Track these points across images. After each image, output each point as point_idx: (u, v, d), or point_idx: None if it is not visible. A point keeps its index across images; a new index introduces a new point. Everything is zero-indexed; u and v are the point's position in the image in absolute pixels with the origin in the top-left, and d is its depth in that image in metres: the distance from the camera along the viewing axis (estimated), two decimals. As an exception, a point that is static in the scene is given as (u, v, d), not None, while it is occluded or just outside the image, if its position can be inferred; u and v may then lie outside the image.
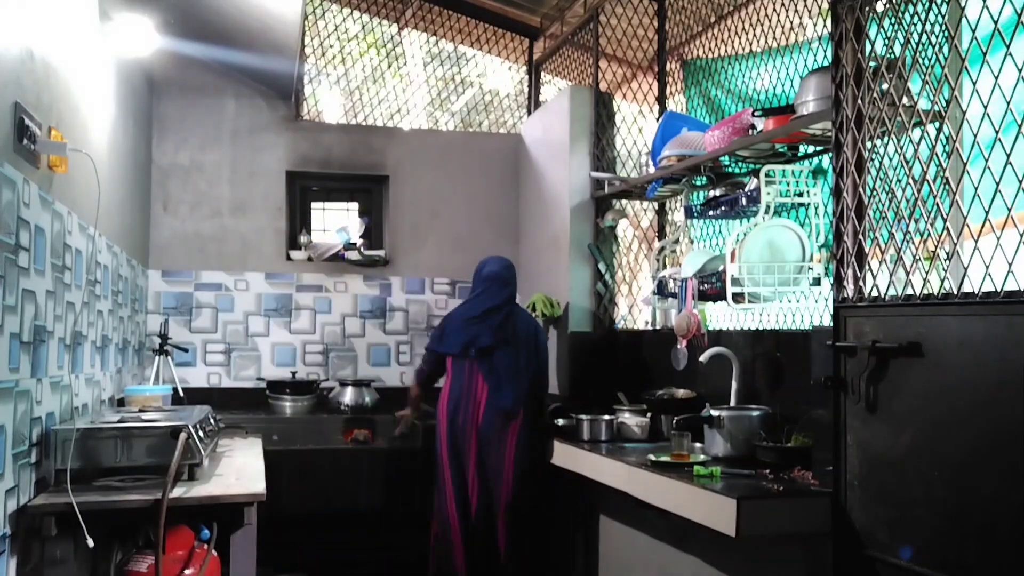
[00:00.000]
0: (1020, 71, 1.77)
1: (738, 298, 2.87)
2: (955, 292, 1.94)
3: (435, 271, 4.91)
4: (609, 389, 3.94)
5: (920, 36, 2.11)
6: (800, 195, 2.88)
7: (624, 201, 4.18)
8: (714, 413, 2.84)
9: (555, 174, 4.40)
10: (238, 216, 4.64)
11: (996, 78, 1.84)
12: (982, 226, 1.85)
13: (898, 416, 2.07)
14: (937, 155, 2.03)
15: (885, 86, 2.18)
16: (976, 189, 1.86)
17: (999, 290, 1.81)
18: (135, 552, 2.43)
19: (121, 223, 3.57)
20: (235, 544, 2.48)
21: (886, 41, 2.22)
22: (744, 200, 3.05)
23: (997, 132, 1.83)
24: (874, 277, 2.20)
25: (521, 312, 3.88)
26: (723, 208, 3.20)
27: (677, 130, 3.38)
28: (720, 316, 3.58)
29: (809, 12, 3.16)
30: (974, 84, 1.89)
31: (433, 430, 3.82)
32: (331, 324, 4.74)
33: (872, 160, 2.25)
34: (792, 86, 3.18)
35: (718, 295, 2.98)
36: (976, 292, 1.87)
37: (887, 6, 2.23)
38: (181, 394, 4.05)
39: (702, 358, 3.02)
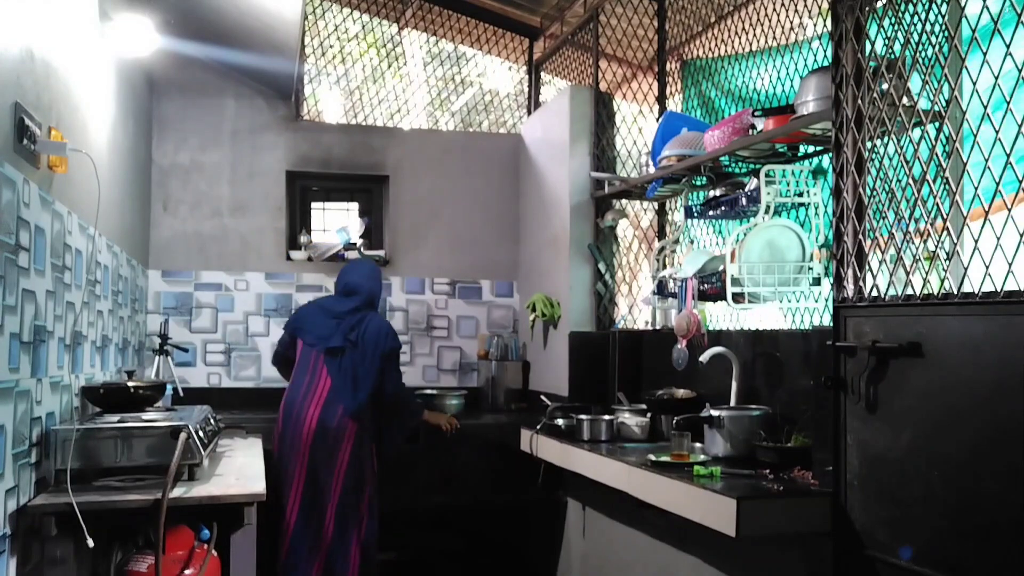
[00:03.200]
0: (1020, 71, 1.77)
1: (738, 298, 2.87)
2: (955, 292, 1.94)
3: (435, 271, 4.91)
4: (609, 389, 3.95)
5: (920, 36, 2.11)
6: (800, 195, 2.88)
7: (624, 201, 4.18)
8: (714, 413, 2.84)
9: (555, 174, 4.40)
10: (238, 216, 4.64)
11: (996, 78, 1.84)
12: (982, 226, 1.85)
13: (898, 416, 2.07)
14: (937, 155, 2.03)
15: (885, 86, 2.18)
16: (976, 189, 1.86)
17: (999, 290, 1.81)
18: (135, 552, 2.43)
19: (121, 223, 3.57)
20: (235, 544, 2.48)
21: (886, 41, 2.22)
22: (744, 200, 3.06)
23: (997, 132, 1.83)
24: (874, 277, 2.20)
25: (374, 320, 3.72)
26: (723, 208, 3.20)
27: (677, 130, 3.38)
28: (720, 316, 3.58)
29: (809, 12, 3.16)
30: (974, 84, 1.89)
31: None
32: (331, 324, 4.73)
33: (872, 160, 2.25)
34: (792, 86, 3.18)
35: (718, 295, 2.98)
36: (976, 292, 1.87)
37: (887, 6, 2.23)
38: (181, 394, 4.06)
39: (702, 358, 3.02)
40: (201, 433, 2.65)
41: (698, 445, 2.91)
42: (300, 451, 3.51)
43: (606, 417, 3.39)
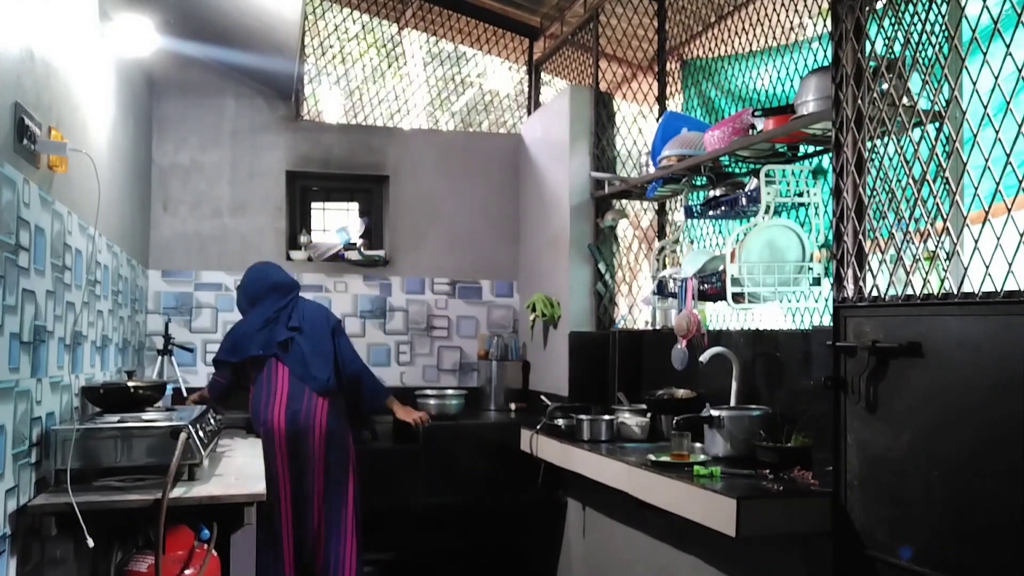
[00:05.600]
0: (1020, 70, 1.77)
1: (738, 298, 2.87)
2: (955, 292, 1.94)
3: (435, 271, 4.91)
4: (609, 389, 3.95)
5: (920, 36, 2.11)
6: (800, 195, 2.88)
7: (624, 201, 4.18)
8: (714, 413, 2.84)
9: (555, 174, 4.40)
10: (238, 216, 4.64)
11: (996, 77, 1.84)
12: (982, 226, 1.85)
13: (898, 416, 2.07)
14: (937, 155, 2.03)
15: (885, 86, 2.18)
16: (976, 189, 1.86)
17: (999, 290, 1.81)
18: (135, 552, 2.43)
19: (121, 223, 3.57)
20: (235, 544, 2.48)
21: (886, 41, 2.22)
22: (744, 200, 3.05)
23: (997, 132, 1.83)
24: (874, 277, 2.20)
25: (307, 303, 3.84)
26: (723, 208, 3.20)
27: (677, 130, 3.38)
28: (720, 316, 3.58)
29: (809, 12, 3.16)
30: (974, 84, 1.89)
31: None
32: (331, 324, 4.73)
33: (872, 160, 2.25)
34: (792, 86, 3.18)
35: (718, 295, 2.98)
36: (976, 292, 1.87)
37: (887, 6, 2.23)
38: (185, 394, 4.06)
39: (702, 358, 3.02)
40: (201, 433, 2.65)
41: (698, 445, 2.91)
42: (278, 447, 3.52)
43: (606, 417, 3.39)
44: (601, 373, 4.04)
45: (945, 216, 2.00)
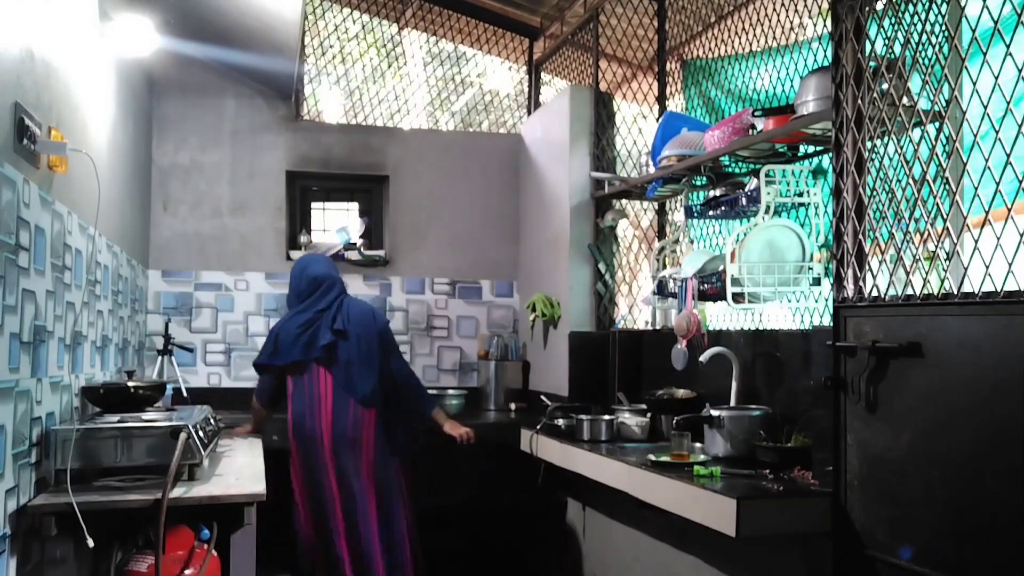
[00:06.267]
0: (1020, 70, 1.77)
1: (738, 298, 2.87)
2: (955, 292, 1.94)
3: (435, 271, 4.91)
4: (609, 389, 3.95)
5: (920, 36, 2.11)
6: (800, 195, 2.88)
7: (624, 201, 4.18)
8: (714, 413, 2.84)
9: (555, 174, 4.40)
10: (238, 216, 4.64)
11: (996, 78, 1.84)
12: (982, 226, 1.85)
13: (898, 416, 2.07)
14: (937, 155, 2.03)
15: (885, 86, 2.18)
16: (976, 189, 1.86)
17: (999, 290, 1.81)
18: (135, 552, 2.43)
19: (121, 223, 3.57)
20: (235, 544, 2.48)
21: (886, 41, 2.22)
22: (744, 200, 3.06)
23: (997, 132, 1.83)
24: (874, 277, 2.20)
25: (353, 302, 3.63)
26: (723, 208, 3.20)
27: (677, 130, 3.38)
28: (720, 316, 3.58)
29: (809, 12, 3.16)
30: (974, 84, 1.89)
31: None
32: (331, 324, 4.73)
33: (872, 160, 2.25)
34: (792, 86, 3.18)
35: (718, 295, 2.98)
36: (976, 292, 1.87)
37: (887, 6, 2.23)
38: (185, 394, 4.06)
39: (702, 358, 3.02)
40: (201, 433, 2.65)
41: (698, 445, 2.91)
42: (325, 464, 3.43)
43: (606, 417, 3.39)
44: (601, 373, 4.04)
45: (945, 216, 2.00)
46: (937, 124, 2.05)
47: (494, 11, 5.04)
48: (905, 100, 2.13)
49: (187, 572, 2.43)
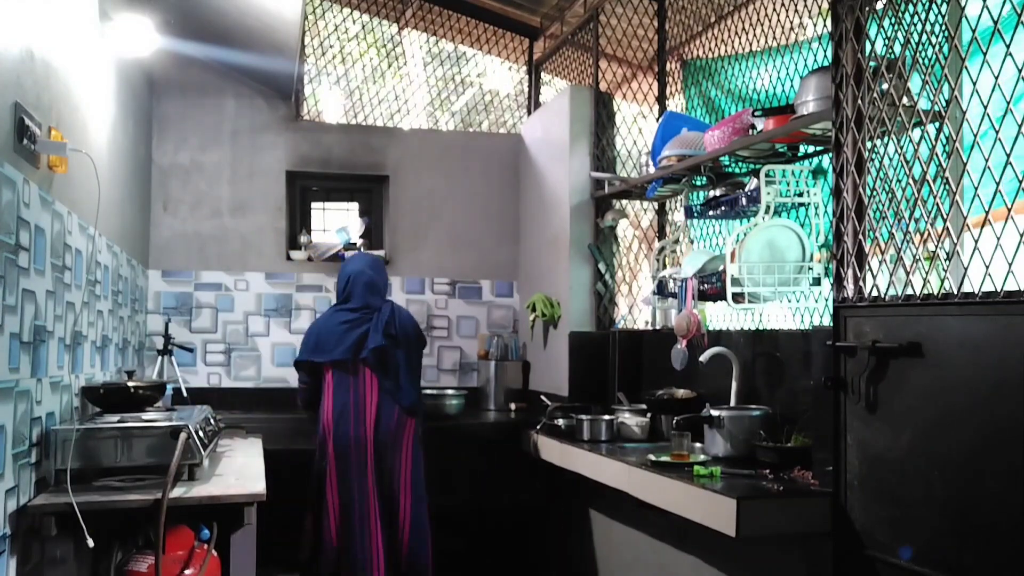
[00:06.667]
0: (1020, 70, 1.77)
1: (738, 298, 2.87)
2: (955, 292, 1.94)
3: (435, 271, 4.91)
4: (609, 389, 3.95)
5: (920, 36, 2.11)
6: (800, 195, 2.88)
7: (624, 201, 4.18)
8: (714, 413, 2.84)
9: (555, 174, 4.40)
10: (238, 216, 4.64)
11: (996, 77, 1.84)
12: (983, 225, 1.85)
13: (898, 416, 2.07)
14: (937, 155, 2.03)
15: (885, 86, 2.18)
16: (976, 189, 1.86)
17: (999, 290, 1.81)
18: (135, 552, 2.43)
19: (121, 223, 3.57)
20: (235, 544, 2.48)
21: (886, 41, 2.22)
22: (744, 200, 3.06)
23: (997, 132, 1.83)
24: (874, 277, 2.20)
25: (402, 310, 3.66)
26: (723, 208, 3.20)
27: (677, 130, 3.38)
28: (720, 316, 3.58)
29: (809, 12, 3.16)
30: (974, 84, 1.89)
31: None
32: (331, 324, 4.73)
33: (872, 160, 2.25)
34: (792, 86, 3.18)
35: (718, 295, 2.98)
36: (976, 292, 1.87)
37: (887, 6, 2.23)
38: (185, 394, 4.06)
39: (702, 358, 3.02)
40: (201, 433, 2.65)
41: (698, 445, 2.91)
42: (365, 466, 3.42)
43: (606, 417, 3.39)
44: (601, 373, 4.04)
45: (945, 216, 2.00)
46: (937, 124, 2.05)
47: (494, 11, 5.04)
48: (905, 100, 2.13)
49: (187, 572, 2.43)
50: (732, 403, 3.00)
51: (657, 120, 3.92)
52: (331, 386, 3.51)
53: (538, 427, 3.67)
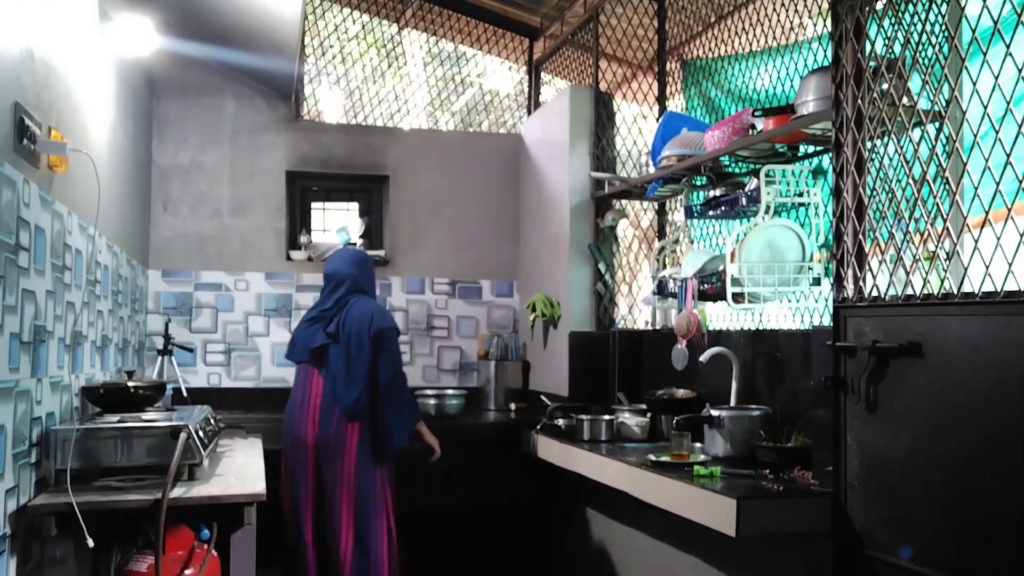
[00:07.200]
0: (1020, 70, 1.77)
1: (738, 298, 2.87)
2: (955, 292, 1.94)
3: (435, 271, 4.91)
4: (609, 389, 3.95)
5: (920, 36, 2.11)
6: (800, 195, 2.88)
7: (624, 201, 4.18)
8: (714, 413, 2.84)
9: (555, 174, 4.40)
10: (238, 216, 4.64)
11: (996, 78, 1.84)
12: (983, 225, 1.85)
13: (898, 416, 2.07)
14: (937, 155, 2.03)
15: (885, 86, 2.18)
16: (976, 189, 1.86)
17: (999, 290, 1.81)
18: (135, 552, 2.43)
19: (121, 223, 3.57)
20: (235, 544, 2.48)
21: (886, 41, 2.22)
22: (744, 200, 3.06)
23: (997, 132, 1.83)
24: (874, 277, 2.20)
25: (357, 304, 3.41)
26: (723, 208, 3.20)
27: (677, 130, 3.38)
28: (720, 316, 3.58)
29: (809, 12, 3.16)
30: (974, 84, 1.89)
31: None
32: (331, 324, 4.73)
33: (872, 160, 2.25)
34: (792, 86, 3.18)
35: (718, 295, 2.98)
36: (976, 292, 1.87)
37: (887, 6, 2.23)
38: (185, 394, 4.06)
39: (702, 358, 3.02)
40: (201, 433, 2.65)
41: (698, 445, 2.91)
42: (306, 471, 3.35)
43: (606, 417, 3.39)
44: (601, 373, 4.04)
45: (945, 216, 2.00)
46: (937, 124, 2.05)
47: (494, 11, 5.04)
48: (905, 100, 2.13)
49: (187, 572, 2.43)
50: (732, 403, 3.00)
51: (657, 120, 3.92)
52: (294, 385, 3.53)
53: (538, 427, 3.67)
